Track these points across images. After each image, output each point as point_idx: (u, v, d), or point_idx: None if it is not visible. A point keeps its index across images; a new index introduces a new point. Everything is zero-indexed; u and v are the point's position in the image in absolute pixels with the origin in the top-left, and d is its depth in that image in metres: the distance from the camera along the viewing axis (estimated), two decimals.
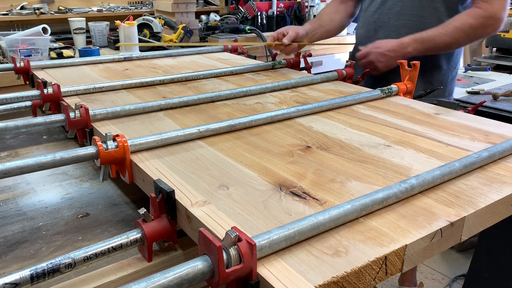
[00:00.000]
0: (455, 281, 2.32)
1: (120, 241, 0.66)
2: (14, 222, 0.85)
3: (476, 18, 1.41)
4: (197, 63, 1.72)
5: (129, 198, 0.95)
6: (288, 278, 0.53)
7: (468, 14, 1.43)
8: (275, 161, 0.85)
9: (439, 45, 1.44)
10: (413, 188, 0.71)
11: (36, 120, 0.99)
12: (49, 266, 0.58)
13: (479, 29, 1.42)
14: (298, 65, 1.67)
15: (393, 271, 0.60)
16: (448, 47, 1.47)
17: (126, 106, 1.09)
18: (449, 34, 1.42)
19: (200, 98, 1.20)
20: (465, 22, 1.41)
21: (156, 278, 0.50)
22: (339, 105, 1.17)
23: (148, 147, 0.89)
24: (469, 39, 1.46)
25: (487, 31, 1.44)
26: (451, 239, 0.67)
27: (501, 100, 2.08)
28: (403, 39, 1.46)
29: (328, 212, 0.62)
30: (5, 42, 2.29)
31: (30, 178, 1.02)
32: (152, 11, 3.44)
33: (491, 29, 1.43)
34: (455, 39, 1.43)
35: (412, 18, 1.53)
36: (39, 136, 1.28)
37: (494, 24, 1.41)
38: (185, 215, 0.68)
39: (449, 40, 1.43)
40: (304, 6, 3.71)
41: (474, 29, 1.41)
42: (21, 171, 0.76)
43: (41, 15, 3.13)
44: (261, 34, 3.06)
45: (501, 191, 0.75)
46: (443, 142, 0.94)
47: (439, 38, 1.43)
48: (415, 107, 1.18)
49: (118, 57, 1.73)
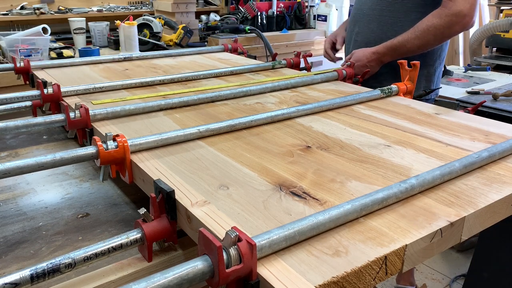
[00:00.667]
0: (455, 281, 2.32)
1: (120, 241, 0.66)
2: (14, 222, 0.85)
3: (441, 17, 1.44)
4: (197, 63, 1.72)
5: (129, 198, 0.95)
6: (288, 278, 0.53)
7: (434, 15, 1.47)
8: (275, 161, 0.85)
9: (411, 49, 1.52)
10: (413, 188, 0.71)
11: (36, 120, 0.99)
12: (49, 266, 0.58)
13: (446, 28, 1.45)
14: (298, 65, 1.67)
15: (393, 271, 0.60)
16: (420, 49, 1.53)
17: (126, 106, 1.09)
18: (418, 37, 1.49)
19: (200, 98, 1.20)
20: (430, 24, 1.46)
21: (156, 278, 0.50)
22: (339, 105, 1.17)
23: (148, 147, 0.89)
24: (438, 40, 1.50)
25: (455, 29, 1.46)
26: (451, 239, 0.67)
27: (501, 100, 2.08)
28: (378, 49, 1.58)
29: (328, 212, 0.62)
30: (5, 42, 2.29)
31: (30, 178, 1.02)
32: (152, 11, 3.44)
33: (459, 27, 1.46)
34: (425, 41, 1.49)
35: (382, 13, 1.62)
36: (39, 136, 1.28)
37: (461, 22, 1.43)
38: (185, 215, 0.68)
39: (419, 42, 1.50)
40: (304, 6, 3.71)
41: (440, 29, 1.45)
42: (21, 171, 0.76)
43: (41, 15, 3.13)
44: (261, 34, 3.06)
45: (501, 191, 0.74)
46: (443, 142, 0.94)
47: (410, 43, 1.51)
48: (415, 107, 1.18)
49: (118, 57, 1.73)
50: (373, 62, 1.60)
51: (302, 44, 3.40)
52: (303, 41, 3.43)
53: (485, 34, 3.08)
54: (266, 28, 3.44)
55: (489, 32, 3.01)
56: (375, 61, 1.60)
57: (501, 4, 3.91)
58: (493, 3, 4.16)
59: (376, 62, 1.60)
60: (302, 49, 3.28)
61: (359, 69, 1.58)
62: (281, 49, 3.26)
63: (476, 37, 3.19)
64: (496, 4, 4.03)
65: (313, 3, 3.74)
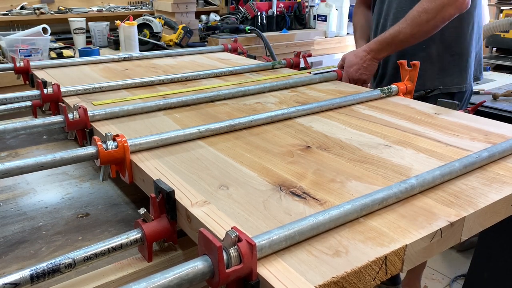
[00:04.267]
0: (455, 281, 2.32)
1: (120, 241, 0.66)
2: (14, 222, 0.85)
3: (431, 1, 1.37)
4: (197, 63, 1.72)
5: (129, 198, 0.95)
6: (288, 278, 0.53)
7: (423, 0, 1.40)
8: (275, 161, 0.85)
9: (405, 39, 1.43)
10: (413, 188, 0.71)
11: (35, 122, 0.99)
12: (49, 266, 0.58)
13: (438, 11, 1.37)
14: (298, 65, 1.67)
15: (393, 271, 0.60)
16: (414, 38, 1.44)
17: (125, 107, 1.09)
18: (410, 24, 1.41)
19: (199, 98, 1.20)
20: (421, 9, 1.39)
21: (156, 278, 0.50)
22: (339, 105, 1.17)
23: (148, 147, 0.89)
24: (431, 25, 1.41)
25: (448, 11, 1.38)
26: (451, 239, 0.67)
27: (501, 100, 2.08)
28: (370, 46, 1.49)
29: (328, 212, 0.62)
30: (5, 42, 2.29)
31: (30, 178, 1.02)
32: (152, 11, 3.44)
33: (452, 9, 1.38)
34: (417, 28, 1.41)
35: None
36: (39, 136, 1.28)
37: (453, 3, 1.37)
38: (185, 215, 0.68)
39: (411, 30, 1.41)
40: (304, 6, 3.71)
41: (431, 13, 1.38)
42: (21, 171, 0.76)
43: (41, 15, 3.13)
44: (261, 34, 3.06)
45: (501, 191, 0.74)
46: (443, 142, 0.94)
47: (402, 33, 1.42)
48: (415, 107, 1.18)
49: (118, 57, 1.73)
50: (368, 61, 1.50)
51: (302, 44, 3.40)
52: (303, 41, 3.42)
53: (485, 34, 3.08)
54: (266, 28, 3.44)
55: (489, 32, 3.01)
56: (370, 60, 1.50)
57: (501, 4, 3.91)
58: (493, 3, 4.17)
59: (371, 60, 1.51)
60: (302, 49, 3.28)
61: (356, 73, 1.51)
62: (281, 49, 3.26)
63: None
64: (496, 4, 4.04)
65: (313, 3, 3.73)
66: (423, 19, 1.39)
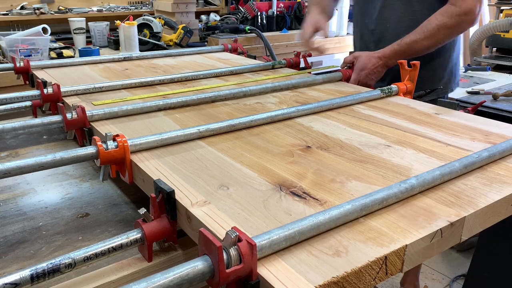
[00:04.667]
0: (455, 281, 2.32)
1: (120, 241, 0.66)
2: (14, 222, 0.85)
3: (451, 17, 1.41)
4: (197, 63, 1.72)
5: (129, 198, 0.95)
6: (288, 278, 0.53)
7: (442, 13, 1.42)
8: (275, 161, 0.85)
9: (420, 50, 1.46)
10: (413, 188, 0.71)
11: (34, 122, 0.99)
12: (49, 266, 0.58)
13: (456, 27, 1.42)
14: (298, 65, 1.67)
15: (393, 271, 0.60)
16: (429, 49, 1.48)
17: (124, 107, 1.09)
18: (428, 37, 1.43)
19: (199, 98, 1.20)
20: (441, 23, 1.42)
21: (156, 278, 0.50)
22: (339, 105, 1.17)
23: (148, 147, 0.89)
24: (447, 38, 1.47)
25: (464, 26, 1.45)
26: (451, 239, 0.67)
27: (501, 100, 2.08)
28: (385, 53, 1.49)
29: (328, 212, 0.62)
30: (5, 42, 2.29)
31: (30, 178, 1.02)
32: (152, 11, 3.44)
33: (467, 24, 1.44)
34: (434, 41, 1.44)
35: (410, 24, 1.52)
36: (39, 136, 1.28)
37: (469, 20, 1.42)
38: (185, 215, 0.68)
39: (428, 43, 1.44)
40: (304, 6, 3.71)
41: (451, 28, 1.42)
42: (21, 171, 0.76)
43: (41, 15, 3.13)
44: (261, 34, 3.06)
45: (501, 191, 0.74)
46: (443, 142, 0.94)
47: (419, 44, 1.45)
48: (415, 107, 1.18)
49: (118, 57, 1.73)
50: (379, 67, 1.51)
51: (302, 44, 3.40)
52: None
53: (485, 34, 3.08)
54: (266, 28, 3.44)
55: (489, 32, 3.01)
56: (381, 67, 1.51)
57: (501, 4, 3.91)
58: (493, 3, 4.17)
59: (382, 67, 1.51)
60: (302, 49, 3.28)
61: (366, 78, 1.51)
62: (281, 49, 3.26)
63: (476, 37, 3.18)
64: (496, 4, 4.03)
65: None
66: (442, 33, 1.42)
